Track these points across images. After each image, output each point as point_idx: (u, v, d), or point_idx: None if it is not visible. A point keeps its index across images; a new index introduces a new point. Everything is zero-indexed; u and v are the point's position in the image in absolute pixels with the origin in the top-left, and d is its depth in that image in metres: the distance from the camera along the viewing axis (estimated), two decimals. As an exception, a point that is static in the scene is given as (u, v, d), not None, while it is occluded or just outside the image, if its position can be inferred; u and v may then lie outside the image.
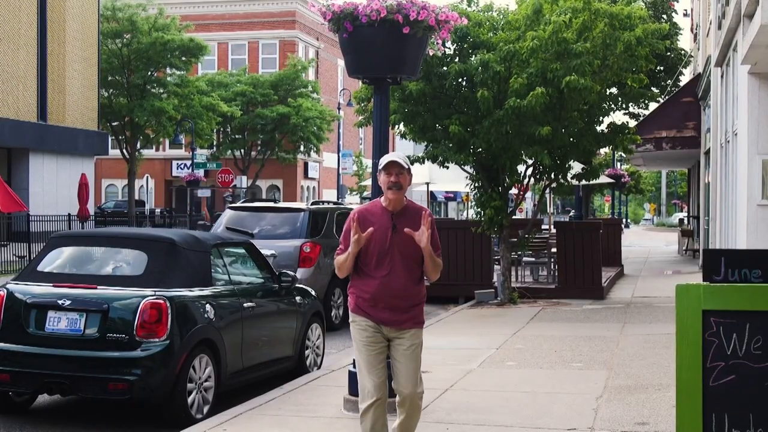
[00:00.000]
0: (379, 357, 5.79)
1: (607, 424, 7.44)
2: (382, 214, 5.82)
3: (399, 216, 5.81)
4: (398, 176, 5.75)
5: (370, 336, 5.80)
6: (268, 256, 11.32)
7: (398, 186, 5.75)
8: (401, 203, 5.84)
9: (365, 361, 5.78)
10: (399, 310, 5.76)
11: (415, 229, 5.71)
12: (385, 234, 5.76)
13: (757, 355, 3.66)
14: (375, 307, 5.77)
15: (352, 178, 57.47)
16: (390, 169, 5.79)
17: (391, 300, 5.74)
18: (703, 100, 23.92)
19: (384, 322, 5.79)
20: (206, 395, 8.11)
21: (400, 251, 5.74)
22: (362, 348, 5.81)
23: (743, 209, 12.45)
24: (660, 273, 24.23)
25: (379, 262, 5.74)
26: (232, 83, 47.74)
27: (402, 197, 5.82)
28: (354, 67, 7.92)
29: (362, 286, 5.83)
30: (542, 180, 17.10)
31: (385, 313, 5.77)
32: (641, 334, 12.56)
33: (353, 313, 5.88)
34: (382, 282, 5.74)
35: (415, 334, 5.86)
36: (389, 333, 5.80)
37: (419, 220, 5.76)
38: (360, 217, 5.81)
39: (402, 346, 5.81)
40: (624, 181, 42.91)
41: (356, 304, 5.86)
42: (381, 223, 5.77)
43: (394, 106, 15.30)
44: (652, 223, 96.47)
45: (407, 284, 5.78)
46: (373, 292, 5.76)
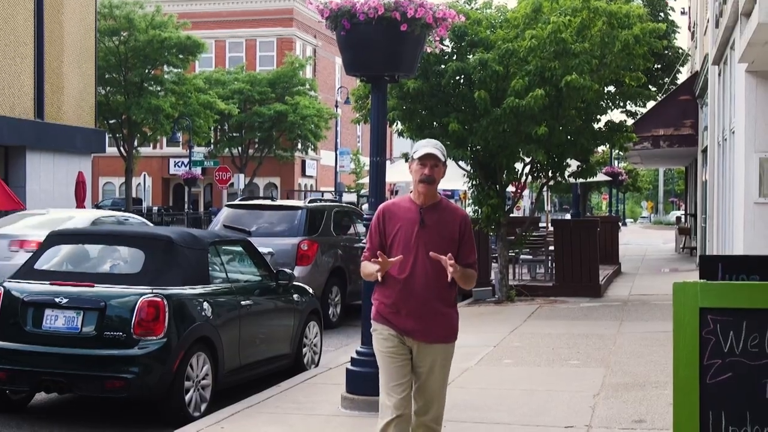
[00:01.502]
0: (403, 370, 5.20)
1: (604, 422, 7.44)
2: (410, 207, 5.26)
3: (428, 210, 5.23)
4: (433, 169, 5.20)
5: (393, 346, 5.21)
6: (265, 254, 11.32)
7: (431, 180, 5.20)
8: (433, 198, 5.28)
9: (386, 373, 5.21)
10: (423, 319, 5.14)
11: (446, 228, 5.20)
12: (411, 229, 5.19)
13: (754, 352, 3.66)
14: (398, 314, 5.18)
15: (349, 176, 57.47)
16: (426, 160, 5.21)
17: (414, 305, 5.14)
18: (700, 98, 23.93)
19: (407, 332, 5.18)
20: (204, 393, 8.11)
21: (425, 248, 5.12)
22: (384, 359, 5.24)
23: (740, 207, 12.46)
24: (657, 271, 24.25)
25: (402, 262, 5.15)
26: (230, 81, 47.72)
27: (434, 191, 5.27)
28: (351, 65, 7.91)
29: (384, 290, 5.25)
30: (540, 178, 17.12)
31: (409, 321, 5.16)
32: (638, 331, 12.57)
33: (374, 321, 5.33)
34: (403, 283, 5.15)
35: (441, 349, 5.24)
36: (412, 344, 5.21)
37: (452, 222, 5.23)
38: (386, 212, 5.31)
39: (423, 364, 5.20)
40: (621, 179, 42.89)
41: (378, 311, 5.30)
42: (407, 218, 5.22)
43: (392, 103, 15.31)
44: (649, 221, 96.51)
45: (434, 287, 5.14)
46: (394, 296, 5.18)
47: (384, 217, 5.28)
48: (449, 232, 5.20)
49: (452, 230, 5.21)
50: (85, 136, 34.97)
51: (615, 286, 19.76)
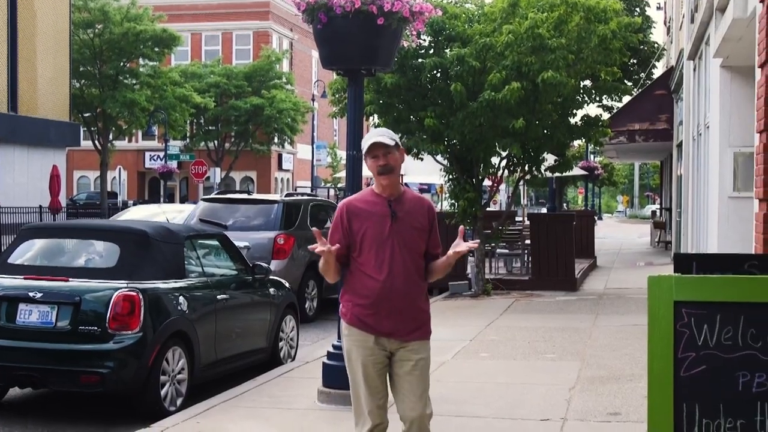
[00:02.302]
0: (381, 378, 4.93)
1: (579, 415, 7.48)
2: (377, 201, 4.94)
3: (397, 202, 4.94)
4: (386, 157, 4.87)
5: (370, 354, 4.89)
6: (241, 248, 11.29)
7: (388, 169, 4.87)
8: (398, 188, 4.97)
9: (364, 383, 4.90)
10: (404, 316, 4.87)
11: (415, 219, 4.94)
12: (383, 223, 4.88)
13: (728, 345, 3.69)
14: (376, 314, 4.85)
15: (326, 169, 57.39)
16: (375, 151, 4.88)
17: (394, 303, 4.84)
18: (675, 93, 24.06)
19: (386, 334, 4.87)
20: (179, 387, 8.08)
21: (401, 243, 4.86)
22: (360, 368, 4.90)
23: (715, 201, 12.54)
24: (632, 264, 24.39)
25: (377, 259, 4.84)
26: (206, 74, 47.50)
27: (397, 180, 4.97)
28: (328, 59, 7.90)
29: (358, 289, 4.91)
30: (516, 172, 17.16)
31: (388, 322, 4.85)
32: (614, 325, 12.64)
33: (349, 325, 4.95)
34: (383, 282, 4.83)
35: (422, 346, 4.97)
36: (392, 346, 4.91)
37: (420, 212, 4.99)
38: (349, 209, 4.96)
39: (408, 362, 4.90)
40: (597, 173, 43.15)
41: (352, 313, 4.92)
42: (376, 212, 4.90)
43: (369, 97, 15.29)
44: (624, 215, 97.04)
45: (412, 281, 4.90)
46: (373, 296, 4.84)
47: (348, 214, 4.94)
48: (419, 222, 4.96)
49: (422, 220, 4.97)
50: (60, 130, 34.72)
51: (590, 279, 19.85)
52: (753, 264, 4.34)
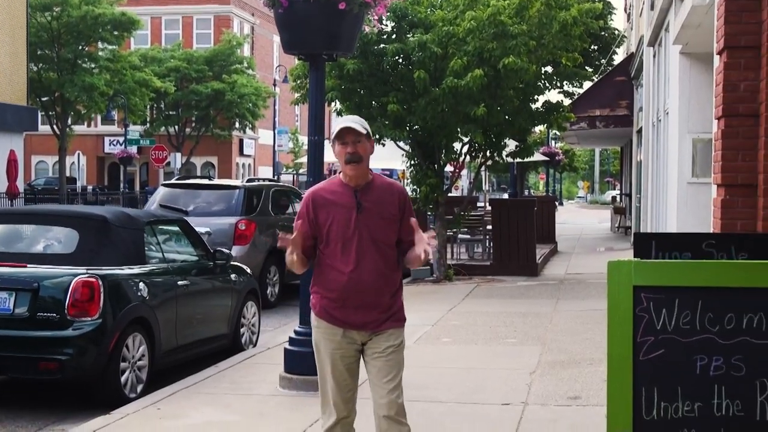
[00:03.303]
0: (349, 372, 4.79)
1: (540, 399, 7.54)
2: (343, 191, 4.75)
3: (364, 192, 4.75)
4: (355, 145, 4.68)
5: (339, 347, 4.76)
6: (202, 234, 11.22)
7: (357, 158, 4.67)
8: (365, 177, 4.77)
9: (332, 376, 4.76)
10: (373, 308, 4.72)
11: (384, 208, 4.74)
12: (348, 215, 4.69)
13: (686, 329, 3.73)
14: (344, 307, 4.72)
15: (288, 155, 57.18)
16: (345, 137, 4.69)
17: (363, 297, 4.69)
18: (635, 79, 24.24)
19: (356, 327, 4.74)
20: (140, 374, 8.03)
21: (369, 234, 4.68)
22: (327, 361, 4.78)
23: (674, 187, 12.67)
24: (593, 250, 24.58)
25: (344, 251, 4.67)
26: (166, 59, 47.07)
27: (365, 170, 4.76)
28: (289, 44, 7.86)
29: (326, 282, 4.76)
30: (478, 158, 17.21)
31: (357, 314, 4.71)
32: (574, 310, 12.75)
33: (317, 318, 4.83)
34: (350, 276, 4.67)
35: (394, 334, 4.78)
36: (362, 338, 4.77)
37: (390, 200, 4.77)
38: (315, 199, 4.77)
39: (378, 350, 4.74)
40: (558, 159, 43.34)
41: (320, 305, 4.80)
42: (342, 203, 4.72)
43: (331, 83, 15.25)
44: (585, 201, 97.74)
45: (381, 274, 4.71)
46: (339, 290, 4.70)
47: (313, 204, 4.75)
48: (389, 211, 4.74)
49: (392, 209, 4.75)
50: (17, 114, 34.23)
51: (551, 265, 19.98)
52: (710, 243, 4.40)
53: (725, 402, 3.66)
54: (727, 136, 6.85)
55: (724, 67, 6.86)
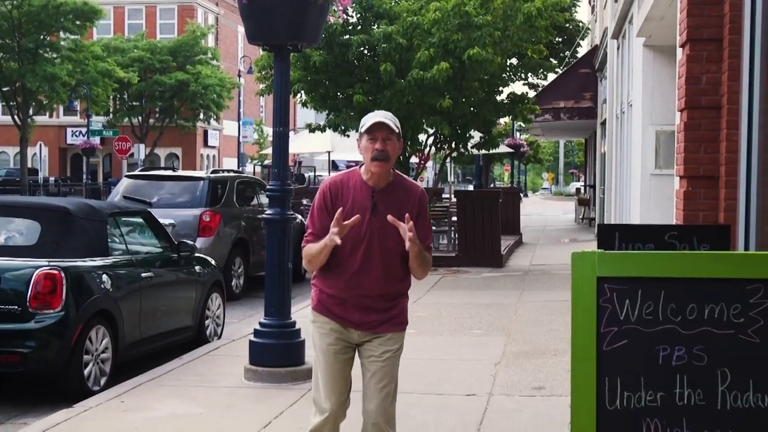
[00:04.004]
0: (344, 371, 4.62)
1: (505, 389, 7.58)
2: (361, 189, 4.52)
3: (382, 194, 4.51)
4: (385, 143, 4.43)
5: (334, 343, 4.59)
6: (166, 226, 11.15)
7: (385, 156, 4.43)
8: (387, 178, 4.54)
9: (325, 372, 4.60)
10: (372, 310, 4.57)
11: (401, 213, 4.44)
12: (362, 216, 4.45)
13: (648, 320, 3.75)
14: (343, 305, 4.56)
15: (253, 146, 56.95)
16: (375, 132, 4.43)
17: (362, 300, 4.54)
18: (599, 71, 24.39)
19: (354, 325, 4.58)
20: (103, 367, 7.98)
21: (379, 239, 4.47)
22: (323, 356, 4.61)
23: (637, 178, 12.77)
24: (557, 241, 24.72)
25: (352, 252, 4.48)
26: (129, 49, 46.64)
27: (388, 170, 4.53)
28: (254, 34, 7.82)
29: (328, 279, 4.58)
30: (443, 149, 17.24)
31: (355, 313, 4.56)
32: (539, 301, 12.82)
33: (314, 312, 4.67)
34: (352, 278, 4.51)
35: (393, 338, 4.63)
36: (359, 338, 4.61)
37: (407, 204, 4.52)
38: (334, 189, 4.54)
39: (374, 354, 4.58)
40: (523, 151, 43.57)
41: (319, 300, 4.63)
42: (357, 201, 4.49)
43: (297, 74, 15.21)
44: (550, 192, 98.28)
45: (385, 282, 4.54)
46: (340, 289, 4.54)
47: (331, 194, 4.52)
48: (404, 214, 4.45)
49: (408, 211, 4.47)
50: (-23, 104, 33.81)
51: (516, 256, 20.07)
52: (673, 234, 4.44)
53: (687, 391, 3.69)
54: (690, 128, 6.91)
55: (687, 60, 6.92)
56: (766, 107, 6.06)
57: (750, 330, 3.69)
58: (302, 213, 19.33)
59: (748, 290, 3.71)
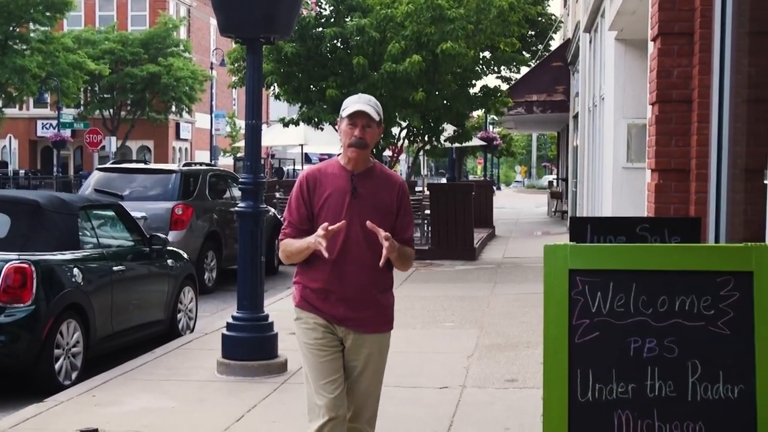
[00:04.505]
0: (334, 364, 4.45)
1: (478, 382, 7.60)
2: (340, 174, 4.46)
3: (361, 177, 4.45)
4: (365, 130, 4.41)
5: (321, 338, 4.44)
6: (138, 219, 11.09)
7: (362, 144, 4.40)
8: (365, 163, 4.49)
9: (315, 369, 4.43)
10: (358, 304, 4.44)
11: (382, 200, 4.43)
12: (342, 200, 4.39)
13: (620, 312, 3.78)
14: (327, 300, 4.42)
15: (225, 139, 56.70)
16: (356, 118, 4.40)
17: (347, 290, 4.41)
18: (572, 65, 24.48)
19: (339, 320, 4.44)
20: (74, 361, 7.92)
21: (361, 223, 4.33)
22: (311, 353, 4.45)
23: (609, 172, 12.84)
24: (530, 234, 24.81)
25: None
26: (100, 41, 46.24)
27: (367, 156, 4.49)
28: (226, 26, 7.78)
29: (310, 272, 4.46)
30: (416, 142, 17.26)
31: (339, 307, 4.42)
32: (511, 293, 12.86)
33: (298, 309, 4.53)
34: (334, 266, 4.38)
35: (378, 340, 4.57)
36: (344, 335, 4.48)
37: (388, 191, 4.47)
38: (311, 179, 4.47)
39: (358, 356, 4.48)
40: (496, 144, 43.65)
41: (302, 296, 4.50)
42: (336, 186, 4.43)
43: (270, 67, 15.15)
44: (522, 185, 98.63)
45: (368, 268, 4.40)
46: (324, 280, 4.41)
47: (309, 185, 4.45)
48: (385, 202, 4.44)
49: (389, 200, 4.45)
50: (-54, 96, 33.43)
51: (489, 249, 20.13)
52: (644, 227, 4.46)
53: (658, 383, 3.72)
54: (661, 121, 6.94)
55: (658, 54, 6.95)
56: (736, 101, 6.11)
57: (720, 322, 3.72)
58: (275, 206, 19.29)
59: (719, 282, 3.74)
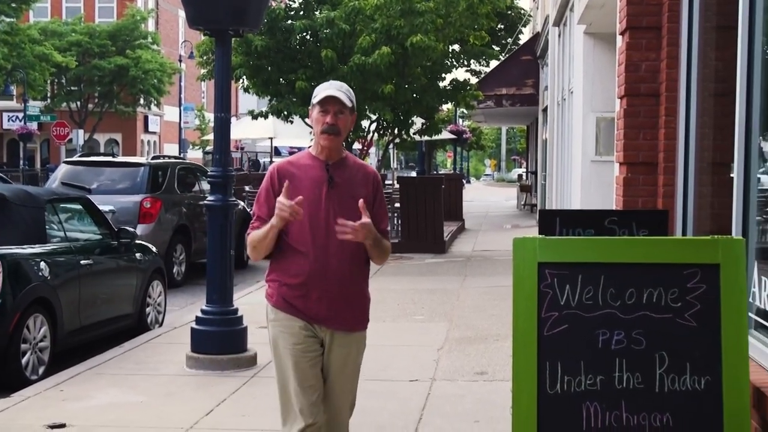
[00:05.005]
0: (314, 369, 4.27)
1: (447, 375, 7.62)
2: (313, 164, 4.29)
3: (336, 167, 4.31)
4: (337, 117, 4.24)
5: (301, 342, 4.25)
6: (106, 212, 11.01)
7: (335, 131, 4.23)
8: (339, 152, 4.34)
9: (294, 377, 4.24)
10: (340, 301, 4.26)
11: (357, 190, 4.28)
12: (318, 191, 4.23)
13: (589, 304, 3.80)
14: (307, 297, 4.23)
15: (194, 132, 56.40)
16: (327, 105, 4.24)
17: (329, 286, 4.22)
18: (541, 58, 24.57)
19: (320, 320, 4.27)
20: (42, 356, 7.86)
21: (339, 214, 4.17)
22: (289, 359, 4.25)
23: (578, 165, 12.91)
24: (499, 227, 24.89)
25: (311, 231, 4.16)
26: (67, 32, 45.81)
27: (340, 144, 4.34)
28: (195, 19, 7.73)
29: (288, 267, 4.25)
30: (386, 135, 17.25)
31: (321, 306, 4.24)
32: (481, 286, 12.91)
33: (275, 309, 4.30)
34: (315, 259, 4.19)
35: (356, 339, 4.42)
36: (326, 334, 4.31)
37: (363, 181, 4.34)
38: (282, 172, 4.29)
39: (339, 355, 4.33)
40: (466, 137, 43.78)
41: (279, 294, 4.28)
42: (312, 177, 4.25)
43: (239, 60, 15.08)
44: (492, 179, 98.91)
45: (348, 261, 4.26)
46: (305, 275, 4.21)
47: (280, 178, 4.26)
48: (361, 192, 4.28)
49: (365, 191, 4.30)
50: None
51: (459, 242, 20.17)
52: (613, 220, 4.49)
53: (626, 375, 3.75)
54: (629, 115, 6.99)
55: (627, 48, 6.99)
56: (703, 95, 6.16)
57: (687, 314, 3.76)
58: (245, 199, 19.22)
59: (686, 275, 3.77)
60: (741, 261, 3.76)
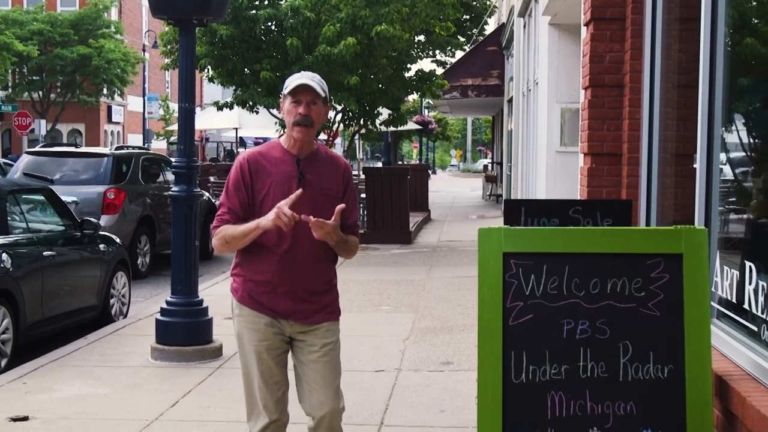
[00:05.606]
0: (279, 367, 4.23)
1: (413, 365, 7.64)
2: (284, 158, 4.15)
3: (308, 162, 4.17)
4: (310, 107, 4.09)
5: (266, 338, 4.18)
6: (69, 203, 10.90)
7: (308, 122, 4.09)
8: (311, 145, 4.19)
9: (259, 373, 4.18)
10: (306, 296, 4.19)
11: (328, 185, 4.19)
12: (288, 186, 4.09)
13: (553, 294, 3.82)
14: (273, 293, 4.14)
15: (158, 122, 55.98)
16: (300, 95, 4.09)
17: (295, 283, 4.14)
18: (506, 49, 24.63)
19: (286, 315, 4.18)
20: (4, 348, 7.78)
21: (308, 211, 4.00)
22: (253, 355, 4.19)
23: (543, 155, 12.96)
24: (465, 218, 24.97)
25: (280, 229, 3.99)
26: (28, 21, 45.22)
27: (312, 137, 4.20)
28: (158, 8, 7.67)
29: (254, 264, 4.16)
30: (351, 126, 17.22)
31: (287, 301, 4.15)
32: (447, 277, 12.94)
33: (240, 305, 4.23)
34: (284, 256, 4.11)
35: (330, 329, 4.29)
36: (293, 330, 4.22)
37: (333, 175, 4.22)
38: (252, 163, 4.15)
39: (313, 348, 4.21)
40: (431, 128, 43.78)
41: (245, 290, 4.20)
42: (281, 171, 4.13)
43: (203, 49, 14.98)
44: (458, 169, 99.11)
45: (317, 258, 4.17)
46: (271, 272, 4.12)
47: (250, 168, 4.13)
48: (331, 188, 4.19)
49: (336, 185, 4.21)
50: None
51: (425, 232, 20.21)
52: (577, 210, 4.52)
53: (590, 364, 3.78)
54: (594, 105, 7.02)
55: (591, 39, 7.02)
56: (667, 86, 6.20)
57: (650, 303, 3.79)
58: (209, 190, 19.13)
59: (649, 265, 3.80)
60: (703, 250, 3.80)
